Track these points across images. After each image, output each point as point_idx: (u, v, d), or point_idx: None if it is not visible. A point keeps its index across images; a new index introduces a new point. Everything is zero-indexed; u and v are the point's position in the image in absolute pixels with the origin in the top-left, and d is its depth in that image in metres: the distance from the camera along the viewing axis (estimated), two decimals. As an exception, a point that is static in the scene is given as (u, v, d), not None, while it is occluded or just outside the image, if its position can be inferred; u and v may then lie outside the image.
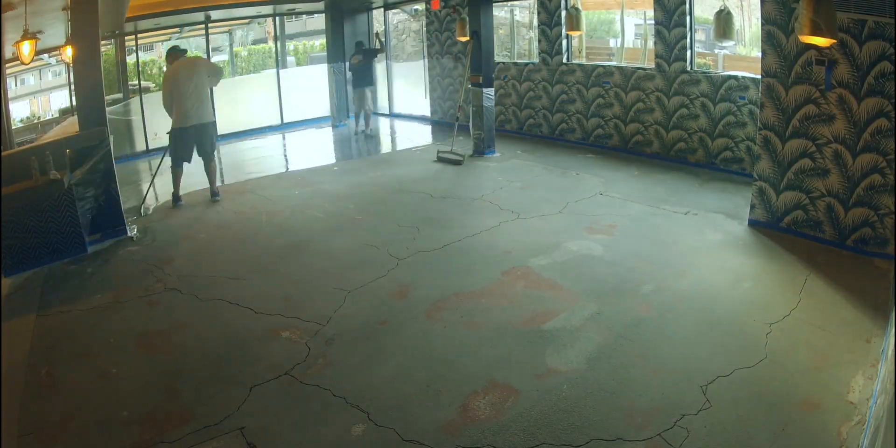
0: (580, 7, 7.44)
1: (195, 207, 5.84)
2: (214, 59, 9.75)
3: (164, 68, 6.30)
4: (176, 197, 5.94)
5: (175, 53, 5.88)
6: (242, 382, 2.90)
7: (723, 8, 5.05)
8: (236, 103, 9.76)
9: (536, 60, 8.06)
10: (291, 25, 14.15)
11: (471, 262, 4.22)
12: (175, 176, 5.91)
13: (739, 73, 6.00)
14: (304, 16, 13.16)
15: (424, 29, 10.06)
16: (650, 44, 7.41)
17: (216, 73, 5.95)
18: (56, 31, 6.78)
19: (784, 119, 4.40)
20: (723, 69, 8.05)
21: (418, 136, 9.29)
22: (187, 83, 5.63)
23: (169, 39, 10.86)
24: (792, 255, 4.14)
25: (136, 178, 7.55)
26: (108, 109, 5.09)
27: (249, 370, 3.00)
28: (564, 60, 7.68)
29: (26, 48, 5.53)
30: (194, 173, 6.00)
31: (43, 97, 9.53)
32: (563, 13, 7.42)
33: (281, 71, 10.71)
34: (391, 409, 2.66)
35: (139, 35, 8.89)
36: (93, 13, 4.68)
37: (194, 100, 5.66)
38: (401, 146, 8.82)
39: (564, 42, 7.62)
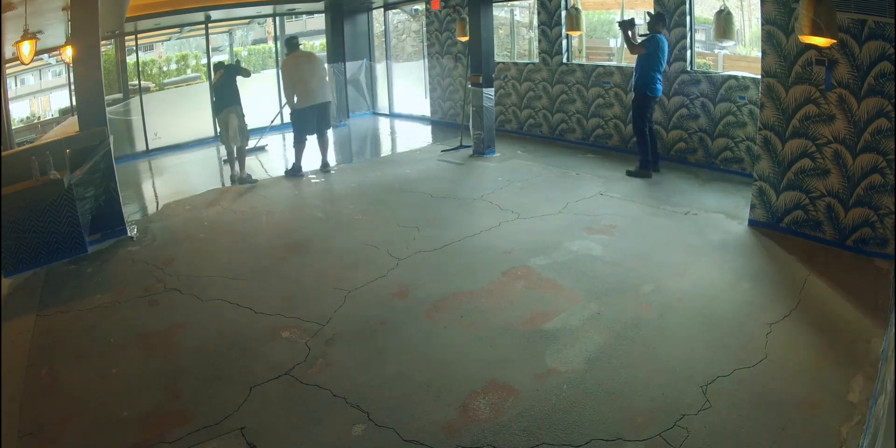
0: (580, 7, 7.44)
1: (195, 208, 5.83)
2: (214, 59, 9.74)
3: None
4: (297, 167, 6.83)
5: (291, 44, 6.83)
6: (242, 382, 2.90)
7: (723, 8, 5.06)
8: (236, 104, 9.72)
9: (536, 60, 8.06)
10: (291, 25, 14.12)
11: (471, 262, 4.22)
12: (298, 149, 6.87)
13: (739, 73, 5.99)
14: (304, 16, 13.16)
15: (424, 29, 10.06)
16: (650, 44, 7.39)
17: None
18: (56, 31, 6.78)
19: (784, 119, 4.40)
20: (723, 69, 8.06)
21: (418, 136, 9.29)
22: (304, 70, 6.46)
23: (168, 39, 10.86)
24: (792, 256, 4.14)
25: (137, 179, 7.55)
26: (108, 109, 5.09)
27: (249, 370, 3.00)
28: (564, 60, 7.67)
29: (26, 48, 5.53)
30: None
31: (43, 97, 9.54)
32: (563, 13, 7.42)
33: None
34: (391, 409, 2.66)
35: (139, 35, 8.89)
36: (93, 13, 4.68)
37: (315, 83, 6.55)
38: (401, 146, 8.81)
39: (564, 42, 7.62)
